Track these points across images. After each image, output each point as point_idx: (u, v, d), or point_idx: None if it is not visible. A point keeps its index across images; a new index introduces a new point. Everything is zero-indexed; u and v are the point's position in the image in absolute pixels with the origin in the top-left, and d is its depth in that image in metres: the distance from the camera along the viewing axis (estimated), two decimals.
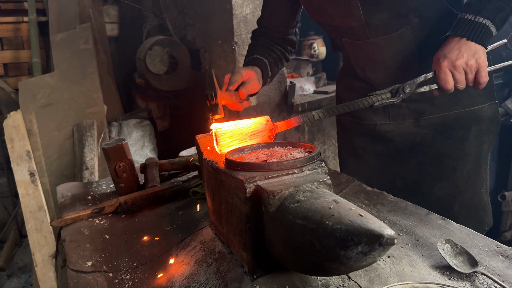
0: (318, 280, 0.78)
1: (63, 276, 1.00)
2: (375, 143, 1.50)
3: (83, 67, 2.87)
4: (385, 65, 1.33)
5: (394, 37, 1.25)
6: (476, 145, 1.34)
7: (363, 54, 1.36)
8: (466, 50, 1.08)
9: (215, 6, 2.74)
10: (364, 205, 1.13)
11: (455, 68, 1.09)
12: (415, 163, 1.43)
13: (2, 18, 3.01)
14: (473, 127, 1.33)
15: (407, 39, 1.25)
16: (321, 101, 3.14)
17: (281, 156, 0.87)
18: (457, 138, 1.34)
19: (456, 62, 1.08)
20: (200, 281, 0.83)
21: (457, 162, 1.35)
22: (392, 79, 1.35)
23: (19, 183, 2.53)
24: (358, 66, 1.43)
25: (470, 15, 1.10)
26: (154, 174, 1.38)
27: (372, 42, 1.28)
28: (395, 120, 1.42)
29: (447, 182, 1.38)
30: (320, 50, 3.47)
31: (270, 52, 1.45)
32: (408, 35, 1.24)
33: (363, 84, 1.47)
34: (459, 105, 1.32)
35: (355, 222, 0.59)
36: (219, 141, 0.95)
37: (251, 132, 0.97)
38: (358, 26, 1.26)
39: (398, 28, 1.23)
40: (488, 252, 0.87)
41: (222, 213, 0.90)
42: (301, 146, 0.92)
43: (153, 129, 3.28)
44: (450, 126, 1.34)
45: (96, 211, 1.20)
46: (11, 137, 2.61)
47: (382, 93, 1.15)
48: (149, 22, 3.52)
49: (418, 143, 1.40)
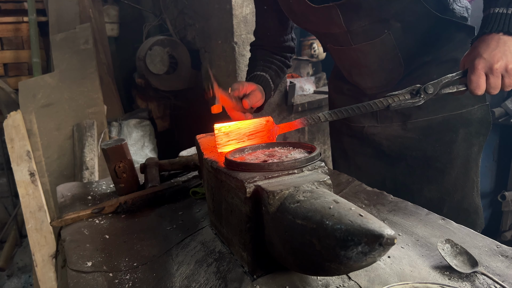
0: (318, 280, 0.78)
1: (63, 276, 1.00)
2: (364, 145, 1.50)
3: (83, 67, 2.87)
4: (369, 69, 1.33)
5: (376, 42, 1.23)
6: (464, 148, 1.32)
7: (348, 59, 1.35)
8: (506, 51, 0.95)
9: (215, 6, 2.74)
10: (364, 205, 1.13)
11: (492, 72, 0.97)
12: (404, 165, 1.42)
13: (2, 18, 3.01)
14: (460, 130, 1.31)
15: (389, 44, 1.23)
16: (321, 101, 3.14)
17: (282, 156, 0.87)
18: (444, 141, 1.33)
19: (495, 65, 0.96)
20: (200, 281, 0.83)
21: (445, 165, 1.34)
22: (378, 83, 1.35)
23: (19, 183, 2.53)
24: (345, 70, 1.43)
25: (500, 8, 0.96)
26: (154, 174, 1.38)
27: (356, 48, 1.27)
28: (382, 123, 1.41)
29: (436, 185, 1.37)
30: (320, 50, 3.47)
31: (270, 64, 1.45)
32: (390, 40, 1.22)
33: (350, 86, 1.47)
34: (446, 109, 1.30)
35: (355, 222, 0.59)
36: (218, 140, 0.95)
37: (250, 132, 0.97)
38: (341, 33, 1.24)
39: (380, 34, 1.22)
40: (488, 252, 0.87)
41: (222, 213, 0.90)
42: (301, 146, 0.92)
43: (153, 129, 3.28)
44: (437, 130, 1.33)
45: (96, 211, 1.20)
46: (11, 137, 2.61)
47: (400, 94, 1.05)
48: (149, 22, 3.52)
49: (406, 147, 1.39)
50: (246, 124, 0.98)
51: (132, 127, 3.14)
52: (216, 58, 2.89)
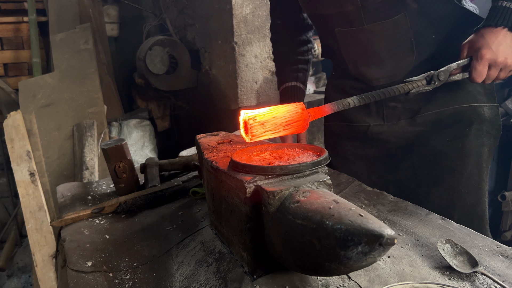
0: (318, 280, 0.78)
1: (63, 276, 1.00)
2: (367, 146, 1.43)
3: (83, 67, 2.87)
4: (378, 57, 1.25)
5: (389, 23, 1.17)
6: (477, 145, 1.24)
7: (356, 44, 1.27)
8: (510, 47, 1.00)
9: (215, 6, 2.74)
10: (364, 205, 1.13)
11: (495, 64, 1.01)
12: (409, 166, 1.34)
13: (2, 18, 3.01)
14: (474, 125, 1.24)
15: (403, 26, 1.17)
16: (321, 101, 3.12)
17: (289, 159, 0.85)
18: (455, 135, 1.25)
19: (499, 59, 1.00)
20: (200, 281, 0.83)
21: (455, 162, 1.25)
22: (386, 73, 1.27)
23: (19, 183, 2.53)
24: (350, 60, 1.35)
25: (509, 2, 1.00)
26: (154, 174, 1.38)
27: (366, 29, 1.21)
28: (389, 121, 1.36)
29: (445, 186, 1.27)
30: (320, 50, 3.47)
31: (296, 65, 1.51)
32: (404, 22, 1.16)
33: (354, 83, 1.40)
34: (457, 101, 1.25)
35: (355, 222, 0.59)
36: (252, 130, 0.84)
37: (286, 122, 0.87)
38: (353, 10, 1.19)
39: (395, 14, 1.16)
40: (488, 252, 0.87)
41: (222, 213, 0.90)
42: (311, 149, 0.89)
43: (153, 129, 3.28)
44: (447, 123, 1.26)
45: (96, 211, 1.20)
46: (11, 137, 2.61)
47: (418, 80, 1.07)
48: (149, 22, 3.52)
49: (413, 142, 1.32)
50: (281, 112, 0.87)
51: (132, 127, 3.14)
52: (216, 58, 2.89)
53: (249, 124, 0.84)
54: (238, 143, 1.07)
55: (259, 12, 2.68)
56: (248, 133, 0.84)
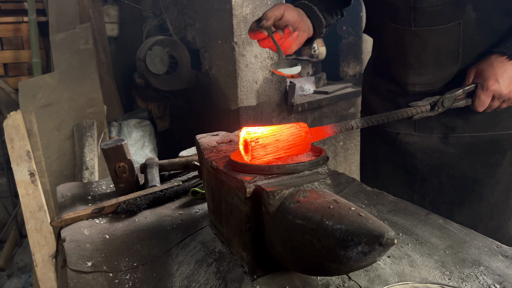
0: (318, 280, 0.78)
1: (63, 276, 1.00)
2: (396, 155, 1.36)
3: (83, 67, 2.87)
4: (420, 62, 1.17)
5: (440, 30, 1.08)
6: (509, 173, 1.20)
7: (398, 43, 1.19)
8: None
9: (215, 6, 2.74)
10: (364, 205, 1.13)
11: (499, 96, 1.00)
12: (436, 182, 1.29)
13: (2, 18, 3.01)
14: (508, 152, 1.18)
15: (454, 35, 1.08)
16: (321, 101, 3.14)
17: (288, 159, 0.85)
18: (488, 163, 1.20)
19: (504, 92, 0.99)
20: (200, 281, 0.83)
21: (485, 189, 1.21)
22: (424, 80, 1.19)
23: (19, 183, 2.53)
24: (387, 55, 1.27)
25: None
26: (154, 174, 1.38)
27: (414, 31, 1.12)
28: (420, 132, 1.27)
29: (469, 209, 1.24)
30: (320, 50, 3.47)
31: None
32: (457, 31, 1.07)
33: (389, 84, 1.31)
34: (498, 127, 1.17)
35: (355, 222, 0.59)
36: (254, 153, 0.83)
37: (288, 146, 0.85)
38: (404, 8, 1.10)
39: (448, 21, 1.07)
40: (488, 252, 0.87)
41: (222, 213, 0.90)
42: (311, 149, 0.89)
43: (153, 129, 3.28)
44: (482, 149, 1.19)
45: (96, 211, 1.20)
46: (11, 137, 2.61)
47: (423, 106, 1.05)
48: (149, 22, 3.52)
49: (443, 163, 1.26)
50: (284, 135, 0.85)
51: (132, 127, 3.14)
52: (216, 58, 2.89)
53: (251, 146, 0.82)
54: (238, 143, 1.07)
55: (259, 12, 2.68)
56: (248, 154, 0.83)
